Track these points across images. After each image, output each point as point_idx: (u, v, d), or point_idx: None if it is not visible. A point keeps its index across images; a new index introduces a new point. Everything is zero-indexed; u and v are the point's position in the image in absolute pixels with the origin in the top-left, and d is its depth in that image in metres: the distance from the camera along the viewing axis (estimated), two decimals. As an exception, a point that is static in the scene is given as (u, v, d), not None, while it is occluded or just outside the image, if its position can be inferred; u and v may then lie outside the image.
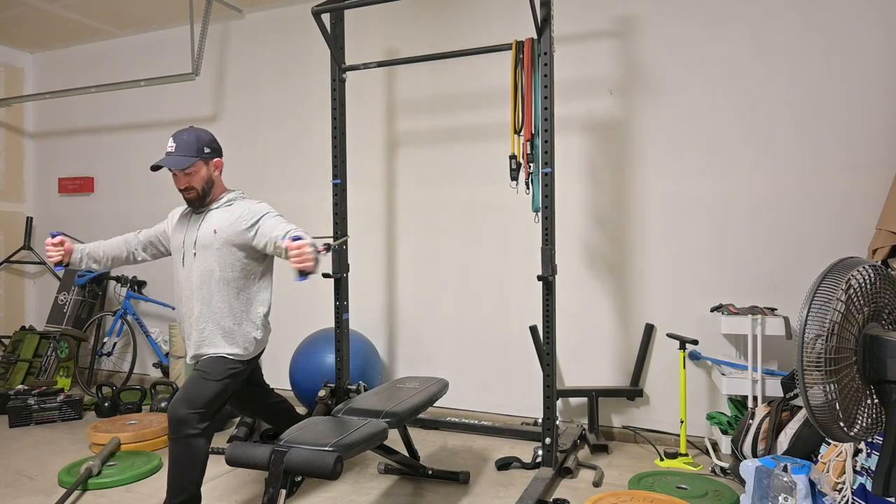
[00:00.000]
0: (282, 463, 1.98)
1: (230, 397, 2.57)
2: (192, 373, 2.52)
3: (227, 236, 2.49)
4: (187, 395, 2.41)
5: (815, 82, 3.31)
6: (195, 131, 2.54)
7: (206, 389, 2.42)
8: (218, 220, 2.53)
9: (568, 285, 3.77)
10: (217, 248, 2.49)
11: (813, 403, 1.59)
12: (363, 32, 4.30)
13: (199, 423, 2.37)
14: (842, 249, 3.20)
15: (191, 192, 2.52)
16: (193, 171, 2.49)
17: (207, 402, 2.40)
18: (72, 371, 4.88)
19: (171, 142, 2.51)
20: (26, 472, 3.22)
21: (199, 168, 2.51)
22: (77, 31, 5.17)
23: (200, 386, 2.43)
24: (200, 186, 2.52)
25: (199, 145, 2.51)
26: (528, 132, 3.09)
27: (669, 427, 3.58)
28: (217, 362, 2.49)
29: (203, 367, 2.49)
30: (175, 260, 2.60)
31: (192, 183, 2.50)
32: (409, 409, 2.60)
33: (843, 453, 2.35)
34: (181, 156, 2.47)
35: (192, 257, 2.52)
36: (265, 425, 3.44)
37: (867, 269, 1.64)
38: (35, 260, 5.58)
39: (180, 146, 2.49)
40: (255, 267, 2.57)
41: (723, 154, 3.49)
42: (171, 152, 2.49)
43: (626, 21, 3.68)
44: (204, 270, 2.50)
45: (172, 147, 2.50)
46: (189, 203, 2.57)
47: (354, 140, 4.24)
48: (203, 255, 2.50)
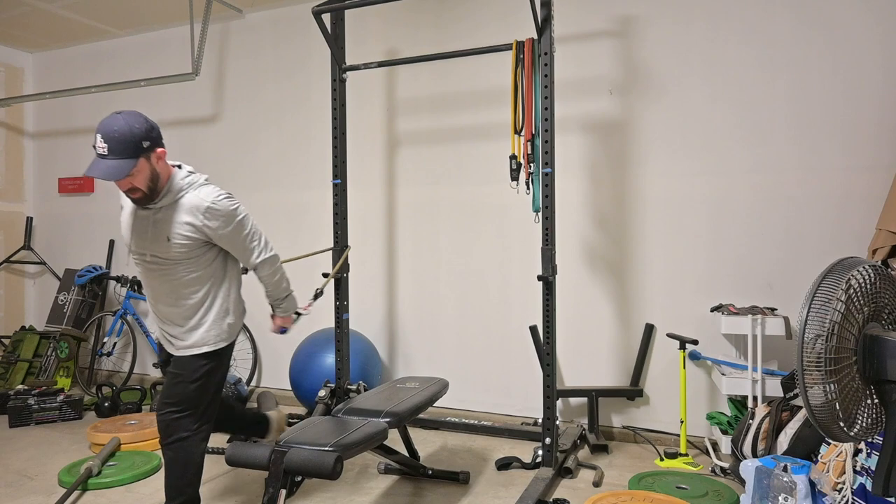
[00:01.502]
0: (282, 463, 1.98)
1: (219, 391, 2.43)
2: (168, 374, 2.41)
3: (181, 242, 2.25)
4: (168, 397, 2.32)
5: (814, 82, 3.31)
6: (126, 122, 2.10)
7: (185, 390, 2.31)
8: (170, 223, 2.25)
9: (568, 285, 3.77)
10: (174, 252, 2.26)
11: (813, 403, 1.59)
12: (363, 32, 4.30)
13: (190, 424, 2.29)
14: (842, 249, 3.20)
15: (135, 192, 2.18)
16: (139, 169, 2.13)
17: (190, 402, 2.30)
18: (72, 371, 4.88)
19: (101, 140, 2.07)
20: (26, 472, 3.21)
21: (142, 167, 2.14)
22: (77, 31, 5.17)
23: (179, 388, 2.32)
24: (146, 185, 2.18)
25: (136, 141, 2.10)
26: (529, 132, 3.09)
27: (669, 427, 3.58)
28: (189, 361, 2.35)
29: (176, 368, 2.37)
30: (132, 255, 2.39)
31: (134, 184, 2.15)
32: (409, 409, 2.60)
33: (843, 453, 2.35)
34: (117, 159, 2.08)
35: (148, 261, 2.31)
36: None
37: (867, 269, 1.64)
38: (35, 260, 5.58)
39: (113, 147, 2.07)
40: (213, 254, 2.36)
41: (723, 154, 3.49)
42: (103, 154, 2.08)
43: (626, 21, 3.68)
44: (162, 274, 2.31)
45: (104, 148, 2.07)
46: (135, 202, 2.25)
47: (355, 140, 4.24)
48: (158, 260, 2.29)
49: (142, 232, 2.30)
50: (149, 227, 2.27)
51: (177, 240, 2.24)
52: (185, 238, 2.24)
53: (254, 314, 4.71)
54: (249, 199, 4.77)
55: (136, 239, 2.32)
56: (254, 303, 2.82)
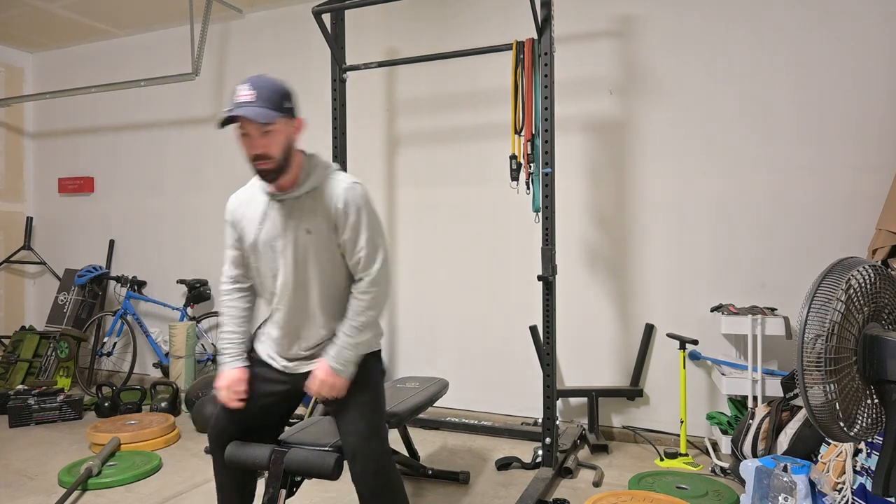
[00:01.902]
0: (282, 463, 1.98)
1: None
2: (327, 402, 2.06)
3: (324, 236, 1.93)
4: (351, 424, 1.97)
5: (816, 82, 3.31)
6: (271, 78, 1.87)
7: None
8: (308, 214, 1.92)
9: (568, 285, 3.77)
10: (314, 254, 1.94)
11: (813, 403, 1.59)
12: (364, 32, 4.30)
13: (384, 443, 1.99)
14: (842, 249, 3.20)
15: (266, 161, 1.84)
16: (274, 130, 1.83)
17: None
18: (72, 371, 4.88)
19: (247, 87, 1.81)
20: (26, 472, 3.21)
21: (280, 128, 1.84)
22: (77, 31, 5.17)
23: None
24: (279, 154, 1.85)
25: (281, 95, 1.85)
26: (529, 132, 3.09)
27: (669, 427, 3.58)
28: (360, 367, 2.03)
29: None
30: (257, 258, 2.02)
31: (269, 149, 1.83)
32: (409, 409, 2.60)
33: (843, 453, 2.35)
34: (261, 107, 1.79)
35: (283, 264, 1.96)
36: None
37: (867, 269, 1.64)
38: (35, 260, 5.58)
39: (260, 94, 1.81)
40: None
41: (723, 154, 3.49)
42: (247, 101, 1.79)
43: (626, 21, 3.68)
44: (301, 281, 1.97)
45: (250, 94, 1.80)
46: (261, 176, 1.89)
47: (355, 140, 4.24)
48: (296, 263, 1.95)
49: (273, 226, 1.95)
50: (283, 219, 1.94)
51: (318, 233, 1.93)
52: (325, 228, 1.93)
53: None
54: (249, 199, 4.77)
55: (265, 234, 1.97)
56: None
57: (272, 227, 1.96)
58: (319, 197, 1.93)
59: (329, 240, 1.94)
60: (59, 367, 4.85)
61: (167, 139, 5.10)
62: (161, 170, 5.12)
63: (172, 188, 5.08)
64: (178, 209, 5.05)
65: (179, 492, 2.93)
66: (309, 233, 1.92)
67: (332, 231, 1.94)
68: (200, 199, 4.96)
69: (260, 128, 1.81)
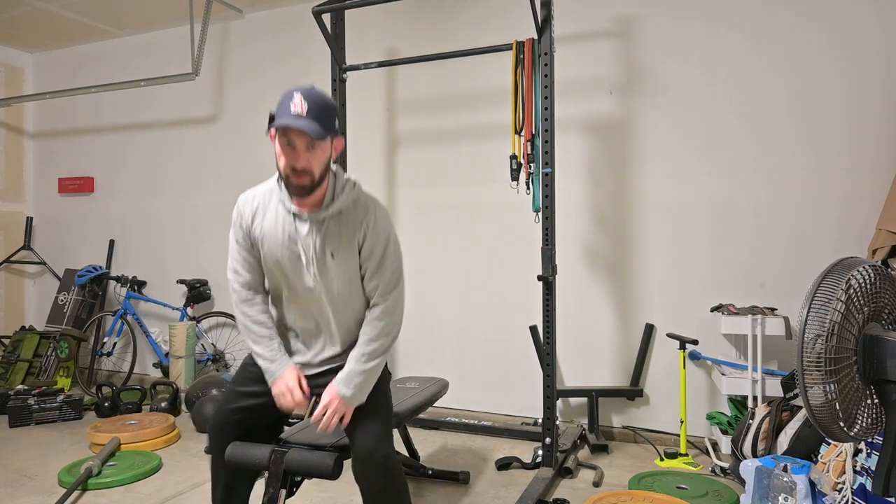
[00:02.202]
0: (282, 463, 1.97)
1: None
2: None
3: (347, 260, 1.92)
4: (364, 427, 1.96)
5: (815, 82, 3.31)
6: (323, 93, 1.81)
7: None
8: (332, 237, 1.89)
9: (568, 285, 3.77)
10: (337, 277, 1.92)
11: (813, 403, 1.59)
12: (364, 32, 4.30)
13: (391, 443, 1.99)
14: (842, 249, 3.20)
15: (305, 176, 1.79)
16: (323, 146, 1.80)
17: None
18: (72, 371, 4.88)
19: (301, 100, 1.75)
20: (26, 472, 3.21)
21: (326, 146, 1.82)
22: (77, 31, 5.17)
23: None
24: (319, 172, 1.81)
25: (332, 116, 1.81)
26: (529, 132, 3.09)
27: (669, 427, 3.58)
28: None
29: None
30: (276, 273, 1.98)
31: (311, 164, 1.78)
32: (409, 409, 2.59)
33: (843, 453, 2.35)
34: (316, 123, 1.74)
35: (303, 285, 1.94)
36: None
37: (867, 269, 1.64)
38: (35, 260, 5.58)
39: (314, 109, 1.75)
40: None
41: (723, 154, 3.49)
42: (301, 114, 1.73)
43: (626, 21, 3.68)
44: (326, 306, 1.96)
45: (303, 107, 1.74)
46: (294, 190, 1.83)
47: (355, 140, 4.24)
48: (317, 281, 1.92)
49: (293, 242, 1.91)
50: (306, 238, 1.89)
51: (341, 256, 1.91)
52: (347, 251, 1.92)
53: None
54: (249, 199, 4.77)
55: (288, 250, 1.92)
56: None
57: (295, 248, 1.90)
58: (345, 220, 1.90)
59: (352, 263, 1.93)
60: (59, 367, 4.85)
61: (167, 139, 5.10)
62: (161, 170, 5.12)
63: (173, 188, 5.08)
64: (178, 209, 5.05)
65: (179, 492, 2.93)
66: (333, 257, 1.90)
67: (356, 254, 1.92)
68: (201, 199, 4.96)
69: (309, 142, 1.77)
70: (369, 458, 1.86)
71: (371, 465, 1.86)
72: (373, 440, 1.88)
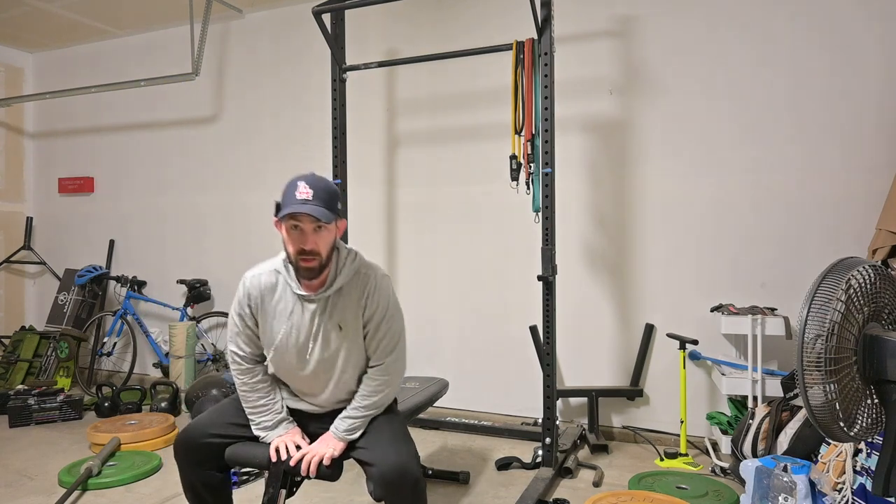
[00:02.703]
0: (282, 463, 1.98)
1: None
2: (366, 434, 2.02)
3: (352, 328, 1.99)
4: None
5: (815, 82, 3.32)
6: (325, 179, 1.96)
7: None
8: (338, 310, 1.98)
9: (568, 285, 3.77)
10: (345, 346, 2.00)
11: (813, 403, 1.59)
12: (364, 32, 4.30)
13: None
14: (841, 249, 3.20)
15: (313, 258, 1.89)
16: (328, 228, 1.90)
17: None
18: (72, 371, 4.88)
19: (306, 187, 1.88)
20: (26, 472, 3.21)
21: (332, 227, 1.91)
22: (77, 31, 5.17)
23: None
24: (326, 252, 1.91)
25: (335, 197, 1.92)
26: (529, 132, 3.09)
27: (669, 427, 3.58)
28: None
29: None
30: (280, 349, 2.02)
31: (318, 246, 1.88)
32: (409, 409, 2.59)
33: (843, 453, 2.35)
34: (322, 207, 1.86)
35: (310, 357, 1.99)
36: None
37: (867, 269, 1.64)
38: (35, 260, 5.58)
39: (319, 195, 1.87)
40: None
41: (723, 154, 3.49)
42: (307, 199, 1.86)
43: (626, 21, 3.68)
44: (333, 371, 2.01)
45: (308, 193, 1.87)
46: (303, 273, 1.93)
47: (355, 140, 4.24)
48: (324, 356, 1.99)
49: (300, 321, 1.98)
50: (312, 314, 1.97)
51: (349, 328, 1.99)
52: (354, 322, 2.00)
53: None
54: (249, 198, 4.77)
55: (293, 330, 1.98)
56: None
57: (302, 326, 1.98)
58: (347, 292, 1.99)
59: (357, 330, 2.01)
60: (59, 367, 4.85)
61: (167, 139, 5.10)
62: (161, 170, 5.12)
63: (172, 188, 5.08)
64: (178, 209, 5.05)
65: (179, 492, 2.91)
66: (340, 329, 1.98)
67: (360, 320, 2.00)
68: (201, 199, 4.96)
69: (315, 225, 1.87)
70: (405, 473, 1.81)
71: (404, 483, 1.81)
72: (407, 457, 1.85)
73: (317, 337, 1.98)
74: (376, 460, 1.86)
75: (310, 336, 1.98)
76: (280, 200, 1.93)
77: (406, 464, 1.83)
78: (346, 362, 2.01)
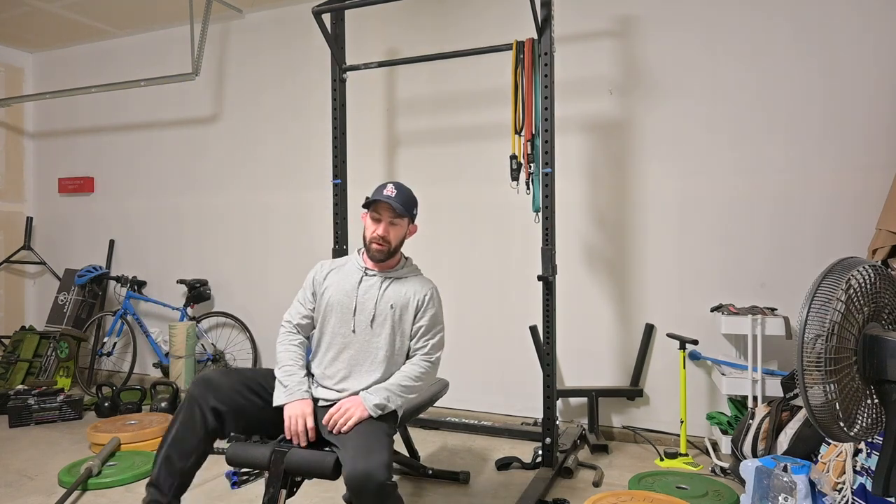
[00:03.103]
0: (282, 463, 1.98)
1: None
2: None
3: (399, 314, 2.30)
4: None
5: (812, 82, 3.32)
6: (408, 188, 2.36)
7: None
8: (394, 292, 2.32)
9: (568, 285, 3.76)
10: (390, 324, 2.28)
11: (813, 403, 1.59)
12: (364, 32, 4.30)
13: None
14: (841, 249, 3.19)
15: (384, 243, 2.28)
16: (401, 224, 2.31)
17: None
18: (72, 371, 4.88)
19: (392, 187, 2.30)
20: (26, 472, 3.21)
21: (404, 224, 2.33)
22: (77, 31, 5.17)
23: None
24: (395, 243, 2.31)
25: (412, 205, 2.35)
26: (529, 132, 3.09)
27: (669, 427, 3.58)
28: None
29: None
30: (336, 315, 2.31)
31: (390, 235, 2.28)
32: (410, 410, 2.59)
33: (843, 453, 2.35)
34: (401, 203, 2.27)
35: (358, 328, 2.28)
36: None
37: (867, 269, 1.64)
38: (35, 260, 5.58)
39: (401, 194, 2.29)
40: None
41: (723, 154, 3.49)
42: (391, 196, 2.27)
43: (626, 21, 3.68)
44: (372, 346, 2.27)
45: (392, 192, 2.28)
46: (372, 254, 2.31)
47: (355, 140, 4.24)
48: (374, 329, 2.28)
49: (360, 293, 2.31)
50: (372, 290, 2.31)
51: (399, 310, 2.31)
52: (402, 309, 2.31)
53: (253, 313, 4.73)
54: (249, 198, 4.77)
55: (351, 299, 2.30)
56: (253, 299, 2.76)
57: (362, 294, 2.30)
58: (408, 284, 2.35)
59: (406, 321, 2.31)
60: (59, 367, 4.84)
61: (167, 139, 5.10)
62: (161, 170, 5.12)
63: (172, 188, 5.08)
64: (178, 209, 5.05)
65: (179, 492, 2.92)
66: (392, 307, 2.28)
67: (412, 315, 2.32)
68: (201, 199, 4.96)
69: (392, 217, 2.27)
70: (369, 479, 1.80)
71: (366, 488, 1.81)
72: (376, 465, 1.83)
73: (368, 303, 2.27)
74: (345, 461, 1.89)
75: (364, 301, 2.28)
76: (368, 196, 2.30)
77: (372, 470, 1.81)
78: (386, 340, 2.26)
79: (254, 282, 4.72)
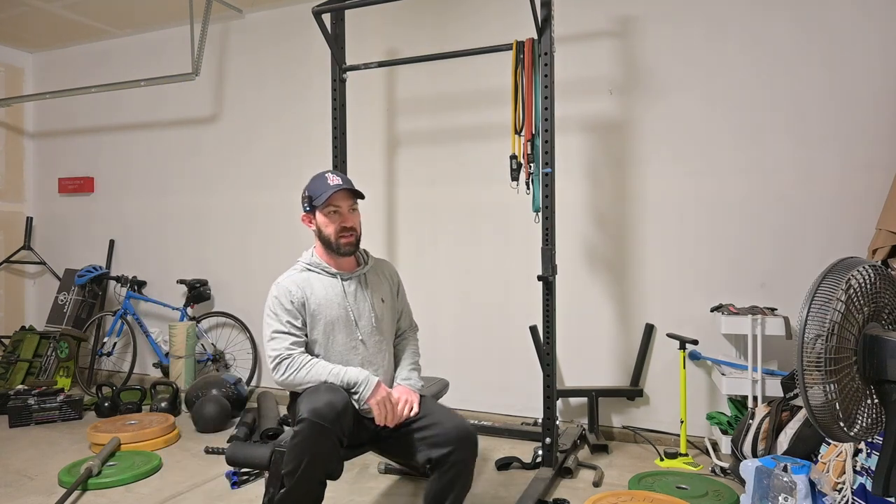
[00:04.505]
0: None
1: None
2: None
3: (391, 303, 2.37)
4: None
5: (814, 82, 3.31)
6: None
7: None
8: (375, 285, 2.33)
9: (568, 285, 3.76)
10: (388, 317, 2.35)
11: (813, 403, 1.59)
12: (364, 32, 4.30)
13: None
14: (841, 249, 3.19)
15: (352, 234, 2.24)
16: (357, 209, 2.29)
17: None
18: (72, 371, 4.88)
19: (333, 175, 2.25)
20: (26, 472, 3.22)
21: (359, 209, 2.32)
22: (77, 31, 5.17)
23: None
24: (359, 232, 2.29)
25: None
26: (529, 132, 3.09)
27: (669, 427, 3.58)
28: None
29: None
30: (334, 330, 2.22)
31: (355, 223, 2.26)
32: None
33: (843, 453, 2.35)
34: (353, 185, 2.25)
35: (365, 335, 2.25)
36: (266, 425, 3.44)
37: (867, 269, 1.64)
38: (35, 260, 5.58)
39: (345, 179, 2.26)
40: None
41: (723, 154, 3.49)
42: (340, 183, 2.21)
43: (626, 21, 3.68)
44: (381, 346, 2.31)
45: (337, 179, 2.23)
46: (344, 249, 2.23)
47: (355, 140, 4.23)
48: (379, 329, 2.29)
49: (350, 298, 2.25)
50: (361, 291, 2.29)
51: (389, 301, 2.38)
52: (391, 296, 2.41)
53: (253, 313, 4.73)
54: (249, 199, 4.77)
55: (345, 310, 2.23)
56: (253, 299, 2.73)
57: (354, 301, 2.26)
58: (379, 273, 2.40)
59: (394, 307, 2.41)
60: (59, 367, 4.85)
61: (167, 139, 5.10)
62: (161, 170, 5.12)
63: (172, 188, 5.08)
64: (178, 209, 5.05)
65: (179, 492, 2.93)
66: (383, 301, 2.34)
67: (393, 297, 2.41)
68: (201, 199, 4.96)
69: (351, 205, 2.24)
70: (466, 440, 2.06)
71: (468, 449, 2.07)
72: (461, 418, 2.15)
73: (364, 309, 2.26)
74: (440, 421, 2.11)
75: (359, 308, 2.25)
76: (310, 194, 2.22)
77: (465, 422, 2.11)
78: (389, 333, 2.35)
79: (254, 282, 4.72)
